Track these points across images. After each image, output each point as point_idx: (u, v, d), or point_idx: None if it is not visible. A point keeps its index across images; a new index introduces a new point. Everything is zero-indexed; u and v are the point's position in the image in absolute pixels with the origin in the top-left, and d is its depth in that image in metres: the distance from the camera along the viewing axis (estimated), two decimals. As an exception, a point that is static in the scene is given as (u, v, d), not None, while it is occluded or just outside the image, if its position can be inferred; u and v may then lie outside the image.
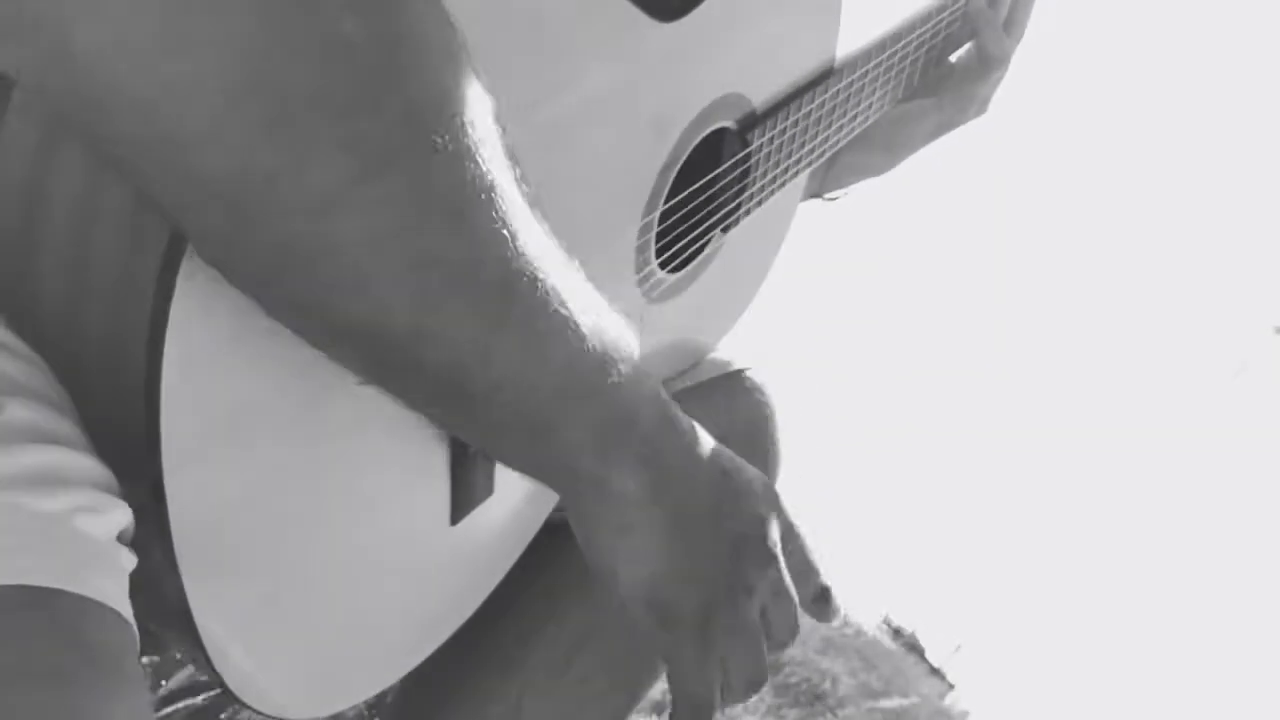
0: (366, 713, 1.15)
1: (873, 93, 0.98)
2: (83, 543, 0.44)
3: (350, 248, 0.38)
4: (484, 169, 0.41)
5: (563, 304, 0.46)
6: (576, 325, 0.47)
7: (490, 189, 0.41)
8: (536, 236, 0.44)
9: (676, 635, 0.56)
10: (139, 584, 0.55)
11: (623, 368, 0.50)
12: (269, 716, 0.62)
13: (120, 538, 0.47)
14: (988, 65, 1.12)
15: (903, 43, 0.99)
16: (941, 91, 1.15)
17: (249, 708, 0.60)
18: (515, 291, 0.43)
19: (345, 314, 0.41)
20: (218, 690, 0.62)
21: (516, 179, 0.43)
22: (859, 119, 0.98)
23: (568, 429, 0.50)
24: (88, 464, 0.47)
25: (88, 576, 0.43)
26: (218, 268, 0.42)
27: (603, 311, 0.50)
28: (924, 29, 1.02)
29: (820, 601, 0.61)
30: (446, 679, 0.88)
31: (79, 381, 0.49)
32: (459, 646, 0.77)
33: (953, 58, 1.16)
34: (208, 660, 0.55)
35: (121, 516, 0.47)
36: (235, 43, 0.34)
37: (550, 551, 0.88)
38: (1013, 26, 1.13)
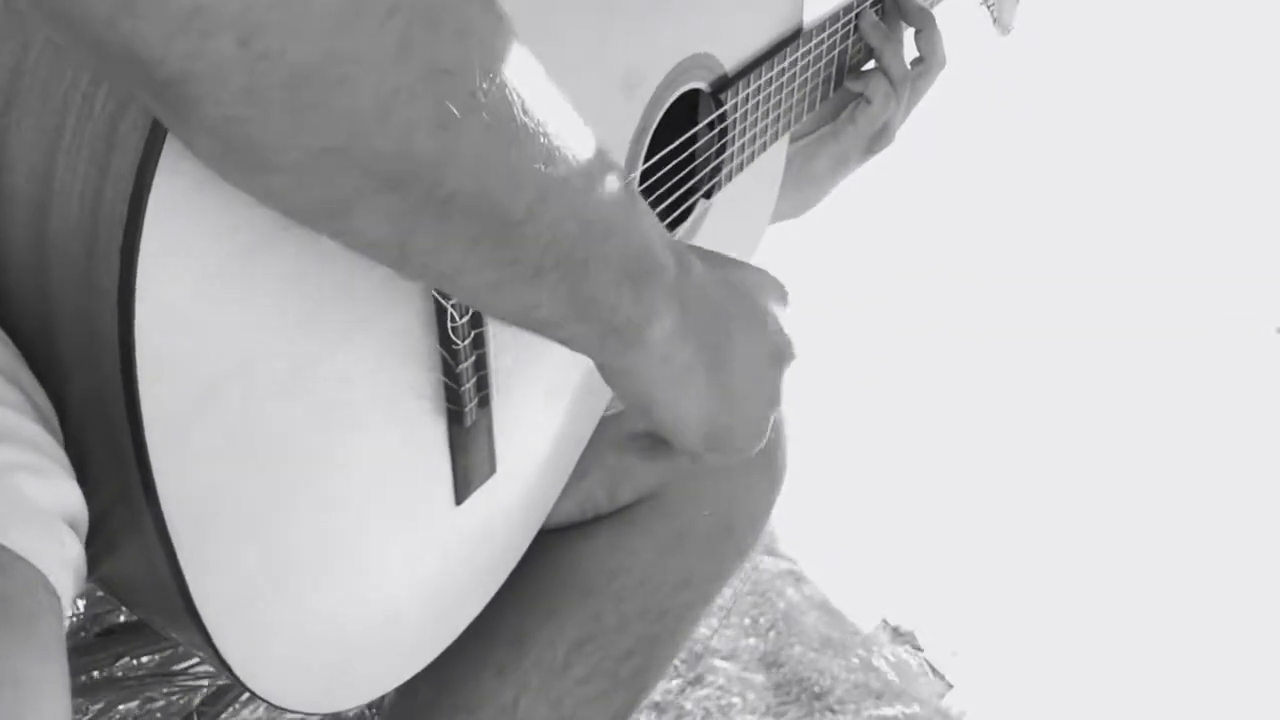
0: (367, 712, 1.13)
1: (831, 63, 0.95)
2: (16, 499, 0.43)
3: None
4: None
5: (566, 142, 0.47)
6: (580, 161, 0.48)
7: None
8: (538, 74, 0.46)
9: (734, 455, 0.63)
10: (137, 576, 0.54)
11: (633, 206, 0.52)
12: (278, 706, 0.61)
13: (71, 520, 0.46)
14: (889, 87, 0.99)
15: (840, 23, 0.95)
16: (837, 116, 1.02)
17: (257, 695, 0.59)
18: (528, 110, 0.44)
19: (369, 148, 0.41)
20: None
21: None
22: (831, 82, 0.98)
23: (600, 265, 0.51)
24: (36, 430, 0.45)
25: (13, 531, 0.42)
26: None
27: (604, 156, 0.51)
28: (823, 35, 0.93)
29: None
30: (442, 680, 0.84)
31: (53, 358, 0.48)
32: (455, 648, 0.75)
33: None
34: (211, 644, 0.54)
35: (68, 493, 0.46)
36: None
37: (549, 552, 0.86)
38: (929, 55, 1.01)
